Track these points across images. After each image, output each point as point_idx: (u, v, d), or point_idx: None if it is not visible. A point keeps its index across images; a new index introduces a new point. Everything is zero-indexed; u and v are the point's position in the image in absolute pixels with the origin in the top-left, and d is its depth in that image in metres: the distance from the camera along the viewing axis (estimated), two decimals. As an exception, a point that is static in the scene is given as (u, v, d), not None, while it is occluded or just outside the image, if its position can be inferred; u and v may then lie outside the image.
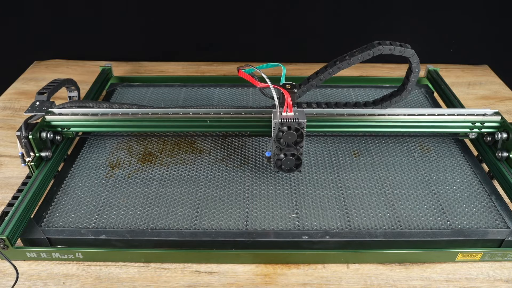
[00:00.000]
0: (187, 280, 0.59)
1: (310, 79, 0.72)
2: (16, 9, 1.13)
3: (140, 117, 0.73)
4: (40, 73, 1.12)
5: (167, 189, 0.69)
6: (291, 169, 0.68)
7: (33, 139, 0.67)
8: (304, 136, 0.64)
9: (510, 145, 0.72)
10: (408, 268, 0.61)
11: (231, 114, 0.73)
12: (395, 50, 0.71)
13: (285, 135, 0.63)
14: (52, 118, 0.73)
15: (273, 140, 0.64)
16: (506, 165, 0.73)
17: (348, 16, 1.14)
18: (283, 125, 0.62)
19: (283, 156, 0.66)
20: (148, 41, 1.20)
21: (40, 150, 0.69)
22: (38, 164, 0.70)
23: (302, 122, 0.62)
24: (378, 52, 0.71)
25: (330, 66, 0.71)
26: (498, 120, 0.75)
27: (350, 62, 0.70)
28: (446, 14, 1.14)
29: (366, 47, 0.71)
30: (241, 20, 1.15)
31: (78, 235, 0.61)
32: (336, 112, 0.74)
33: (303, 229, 0.63)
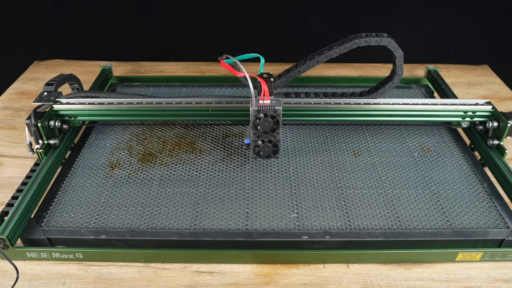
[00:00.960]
0: (187, 280, 0.59)
1: (289, 70, 0.77)
2: (16, 9, 1.13)
3: (144, 106, 0.76)
4: (40, 73, 1.12)
5: (167, 189, 0.69)
6: (269, 155, 0.71)
7: (42, 127, 0.70)
8: (280, 123, 0.67)
9: (500, 133, 0.74)
10: (408, 268, 0.61)
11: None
12: (371, 41, 0.74)
13: (262, 122, 0.66)
14: (59, 108, 0.75)
15: (251, 127, 0.67)
16: (496, 152, 0.75)
17: (348, 16, 1.14)
18: (259, 112, 0.65)
19: (261, 143, 0.69)
20: (148, 41, 1.20)
21: (48, 138, 0.72)
22: (47, 151, 0.72)
23: (278, 109, 0.65)
24: (355, 45, 0.75)
25: (310, 59, 0.76)
26: (489, 110, 0.77)
27: (328, 55, 0.75)
28: (446, 14, 1.14)
29: (343, 41, 0.75)
30: (241, 20, 1.15)
31: (78, 235, 0.61)
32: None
33: (303, 229, 0.63)
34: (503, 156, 0.75)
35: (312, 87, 0.98)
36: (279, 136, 0.69)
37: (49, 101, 0.75)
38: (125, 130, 0.83)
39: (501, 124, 0.75)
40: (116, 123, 0.85)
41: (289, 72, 0.77)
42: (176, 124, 0.85)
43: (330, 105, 0.77)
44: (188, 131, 0.83)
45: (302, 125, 0.85)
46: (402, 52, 0.76)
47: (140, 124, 0.85)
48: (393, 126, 0.85)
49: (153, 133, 0.83)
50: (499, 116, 0.75)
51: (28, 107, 0.96)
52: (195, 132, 0.83)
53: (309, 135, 0.82)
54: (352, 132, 0.83)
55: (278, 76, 0.77)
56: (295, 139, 0.81)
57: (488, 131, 0.77)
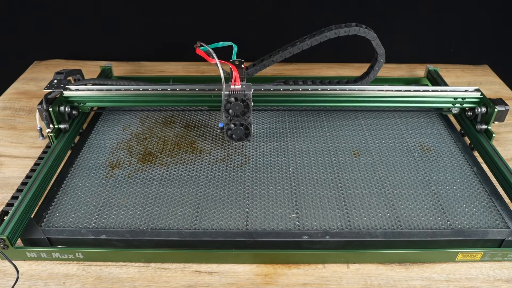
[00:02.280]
0: (187, 280, 0.59)
1: (263, 59, 0.83)
2: (16, 9, 1.13)
3: (150, 92, 0.81)
4: (40, 73, 1.12)
5: (167, 189, 0.69)
6: (241, 138, 0.75)
7: (52, 112, 0.75)
8: (251, 107, 0.71)
9: (488, 118, 0.79)
10: (408, 268, 0.61)
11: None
12: (340, 32, 0.79)
13: (233, 106, 0.70)
14: (69, 94, 0.80)
15: (222, 111, 0.71)
16: (485, 137, 0.80)
17: (347, 16, 1.14)
18: (230, 97, 0.70)
19: (233, 126, 0.73)
20: (148, 41, 1.20)
21: (58, 122, 0.77)
22: (57, 135, 0.77)
23: (248, 93, 0.70)
24: (325, 38, 0.80)
25: (283, 50, 0.82)
26: (478, 96, 0.82)
27: (299, 47, 0.80)
28: (446, 14, 1.14)
29: (314, 34, 0.80)
30: (241, 20, 1.15)
31: (78, 235, 0.61)
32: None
33: (303, 229, 0.63)
34: (490, 140, 0.78)
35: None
36: (249, 119, 0.73)
37: (59, 88, 0.80)
38: (125, 130, 0.83)
39: (489, 109, 0.79)
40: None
41: (263, 61, 0.83)
42: (176, 124, 0.85)
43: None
44: (188, 131, 0.83)
45: (302, 125, 0.85)
46: (375, 36, 0.81)
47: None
48: (393, 126, 0.85)
49: (153, 133, 0.83)
50: (487, 102, 0.80)
51: (28, 107, 0.96)
52: (195, 132, 0.83)
53: (309, 135, 0.82)
54: (352, 132, 0.83)
55: (252, 64, 0.84)
56: (295, 139, 0.81)
57: (477, 116, 0.81)
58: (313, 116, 0.88)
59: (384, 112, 0.89)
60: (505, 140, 0.87)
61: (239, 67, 0.71)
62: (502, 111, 0.78)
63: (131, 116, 0.88)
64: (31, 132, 0.88)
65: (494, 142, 0.80)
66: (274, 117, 0.88)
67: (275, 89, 0.82)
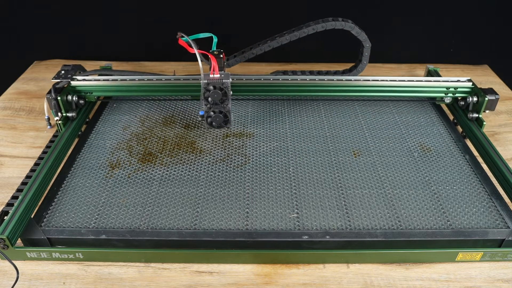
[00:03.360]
0: (187, 280, 0.59)
1: (244, 51, 0.87)
2: (16, 9, 1.13)
3: (154, 82, 0.85)
4: (40, 73, 1.12)
5: (167, 189, 0.69)
6: (221, 125, 0.79)
7: (61, 100, 0.78)
8: (229, 95, 0.75)
9: (479, 107, 0.83)
10: (408, 268, 0.61)
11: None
12: (318, 27, 0.84)
13: (211, 94, 0.74)
14: (77, 84, 0.84)
15: (202, 99, 0.75)
16: (476, 124, 0.83)
17: (347, 16, 1.14)
18: (209, 85, 0.73)
19: (212, 114, 0.77)
20: (148, 41, 1.20)
21: (66, 111, 0.80)
22: (65, 123, 0.80)
23: (226, 82, 0.73)
24: (304, 34, 0.84)
25: (263, 43, 0.86)
26: (469, 86, 0.86)
27: (279, 41, 0.84)
28: (446, 14, 1.14)
29: (293, 30, 0.84)
30: (241, 20, 1.15)
31: (78, 235, 0.61)
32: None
33: (303, 229, 0.63)
34: (481, 128, 0.82)
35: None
36: (228, 107, 0.77)
37: (66, 78, 0.84)
38: (125, 130, 0.83)
39: (480, 98, 0.82)
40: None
41: (244, 53, 0.87)
42: (176, 124, 0.85)
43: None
44: (188, 131, 0.83)
45: (302, 125, 0.85)
46: (352, 24, 0.86)
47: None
48: (393, 126, 0.85)
49: (153, 133, 0.83)
50: (479, 91, 0.83)
51: (28, 107, 0.96)
52: (195, 132, 0.83)
53: (309, 135, 0.82)
54: (352, 132, 0.83)
55: (233, 55, 0.88)
56: (295, 139, 0.81)
57: (468, 105, 0.84)
58: (313, 116, 0.88)
59: (385, 112, 0.89)
60: (505, 140, 0.87)
61: (218, 57, 0.74)
62: (492, 100, 0.81)
63: (131, 116, 0.88)
64: (31, 132, 0.88)
65: (494, 142, 0.81)
66: (274, 117, 0.88)
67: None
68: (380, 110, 0.90)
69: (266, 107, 0.91)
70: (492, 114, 0.97)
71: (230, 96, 0.76)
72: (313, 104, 0.92)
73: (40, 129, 0.89)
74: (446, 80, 0.86)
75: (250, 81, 0.85)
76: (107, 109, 0.90)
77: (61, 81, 0.82)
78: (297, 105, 0.92)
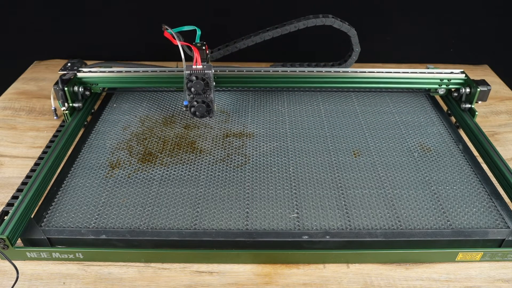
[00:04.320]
0: (187, 280, 0.59)
1: (228, 45, 0.90)
2: (16, 9, 1.13)
3: (157, 74, 0.88)
4: (40, 73, 1.12)
5: (167, 189, 0.69)
6: (204, 115, 0.81)
7: (67, 91, 0.82)
8: (211, 85, 0.78)
9: (472, 97, 0.86)
10: (408, 268, 0.61)
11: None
12: (299, 25, 0.88)
13: (194, 84, 0.77)
14: (83, 75, 0.87)
15: (185, 89, 0.78)
16: (468, 115, 0.86)
17: (346, 16, 1.14)
18: (191, 75, 0.76)
19: (195, 103, 0.79)
20: (148, 41, 1.20)
21: (73, 101, 0.84)
22: (72, 113, 0.84)
23: (208, 73, 0.76)
24: (286, 31, 0.88)
25: (246, 38, 0.89)
26: (462, 78, 0.89)
27: (261, 37, 0.88)
28: (446, 14, 1.14)
29: (276, 27, 0.88)
30: (241, 20, 1.15)
31: (78, 235, 0.61)
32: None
33: (303, 229, 0.63)
34: (473, 117, 0.85)
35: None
36: (210, 97, 0.79)
37: (72, 70, 0.87)
38: (125, 130, 0.83)
39: (472, 89, 0.86)
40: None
41: (227, 47, 0.90)
42: (176, 124, 0.85)
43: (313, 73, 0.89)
44: (188, 131, 0.83)
45: (303, 126, 0.85)
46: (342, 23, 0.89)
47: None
48: (393, 126, 0.85)
49: (153, 133, 0.83)
50: (471, 83, 0.86)
51: (28, 107, 0.96)
52: (195, 132, 0.83)
53: (309, 135, 0.82)
54: (352, 132, 0.83)
55: (217, 48, 0.90)
56: (295, 139, 0.81)
57: (461, 96, 0.88)
58: (313, 116, 0.88)
59: (385, 112, 0.89)
60: (505, 140, 0.87)
61: (201, 49, 0.78)
62: (484, 91, 0.84)
63: (131, 116, 0.88)
64: (31, 132, 0.88)
65: (494, 142, 0.81)
66: (274, 117, 0.88)
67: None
68: (380, 110, 0.90)
69: (266, 107, 0.91)
70: (492, 114, 0.97)
71: (213, 86, 0.78)
72: (313, 104, 0.92)
73: (40, 129, 0.89)
74: (440, 72, 0.89)
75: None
76: (107, 109, 0.90)
77: (68, 73, 0.85)
78: (297, 105, 0.92)
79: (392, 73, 0.88)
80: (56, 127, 0.86)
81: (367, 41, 1.00)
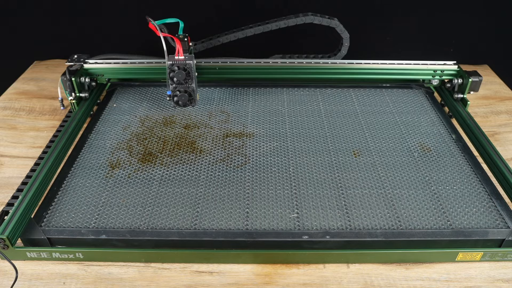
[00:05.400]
0: (187, 280, 0.59)
1: (211, 38, 0.92)
2: (16, 9, 1.13)
3: (162, 65, 0.90)
4: (40, 73, 1.12)
5: (167, 189, 0.69)
6: (186, 104, 0.84)
7: (75, 81, 0.85)
8: (192, 75, 0.81)
9: (464, 88, 0.89)
10: (408, 268, 0.61)
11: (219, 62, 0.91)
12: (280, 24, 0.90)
13: (176, 74, 0.80)
14: (89, 66, 0.90)
15: (168, 79, 0.81)
16: (461, 104, 0.90)
17: (346, 16, 1.14)
18: (173, 66, 0.79)
19: (178, 93, 0.82)
20: (148, 41, 1.20)
21: (79, 91, 0.87)
22: (79, 102, 0.87)
23: (189, 63, 0.79)
24: (267, 29, 0.90)
25: (229, 33, 0.92)
26: (455, 69, 0.92)
27: (244, 33, 0.90)
28: (446, 14, 1.14)
29: (259, 24, 0.90)
30: (240, 19, 1.15)
31: (78, 235, 0.61)
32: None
33: (303, 229, 0.63)
34: (466, 107, 0.88)
35: (313, 84, 0.99)
36: (192, 86, 0.82)
37: (79, 61, 0.90)
38: (125, 130, 0.83)
39: (464, 80, 0.89)
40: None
41: (211, 40, 0.92)
42: (176, 124, 0.85)
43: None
44: (188, 131, 0.83)
45: (303, 126, 0.85)
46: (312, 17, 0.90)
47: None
48: (393, 126, 0.85)
49: (153, 133, 0.83)
50: (463, 74, 0.89)
51: (28, 107, 0.96)
52: (195, 132, 0.83)
53: (309, 135, 0.82)
54: (352, 132, 0.83)
55: (201, 41, 0.93)
56: (295, 139, 0.81)
57: (454, 87, 0.91)
58: (313, 116, 0.88)
59: (385, 112, 0.89)
60: (505, 140, 0.87)
61: (183, 41, 0.80)
62: (476, 82, 0.87)
63: (131, 116, 0.88)
64: (31, 132, 0.88)
65: (494, 142, 0.81)
66: (274, 117, 0.88)
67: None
68: (380, 110, 0.90)
69: (266, 107, 0.91)
70: (492, 114, 0.97)
71: (195, 76, 0.82)
72: (313, 104, 0.92)
73: (40, 129, 0.89)
74: (433, 63, 0.92)
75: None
76: (107, 109, 0.90)
77: (75, 64, 0.89)
78: (297, 105, 0.92)
79: (387, 64, 0.91)
80: (59, 123, 0.86)
81: (367, 41, 1.00)
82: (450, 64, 0.92)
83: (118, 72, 0.92)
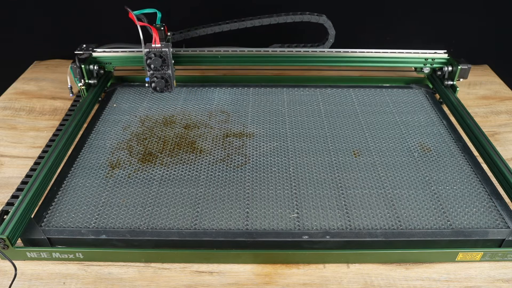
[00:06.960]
0: (187, 280, 0.59)
1: (189, 30, 0.96)
2: (16, 9, 1.13)
3: None
4: (40, 73, 1.12)
5: (167, 189, 0.69)
6: (163, 90, 0.88)
7: (84, 69, 0.89)
8: (168, 62, 0.84)
9: (453, 75, 0.93)
10: (408, 268, 0.61)
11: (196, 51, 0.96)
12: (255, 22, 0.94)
13: (153, 61, 0.84)
14: (98, 55, 0.95)
15: (145, 66, 0.84)
16: (451, 91, 0.94)
17: (346, 15, 1.14)
18: (150, 53, 0.83)
19: (155, 79, 0.86)
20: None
21: (89, 78, 0.92)
22: (87, 88, 0.92)
23: (165, 51, 0.83)
24: (242, 26, 0.94)
25: (207, 27, 0.95)
26: (445, 57, 0.96)
27: (220, 28, 0.95)
28: (446, 14, 1.14)
29: (235, 20, 0.94)
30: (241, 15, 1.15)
31: (78, 235, 0.61)
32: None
33: (303, 229, 0.63)
34: (455, 93, 0.93)
35: (313, 84, 1.00)
36: (168, 73, 0.86)
37: (87, 50, 0.95)
38: (125, 130, 0.83)
39: (454, 68, 0.93)
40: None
41: (189, 31, 0.96)
42: (176, 124, 0.85)
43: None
44: (188, 131, 0.83)
45: (303, 126, 0.85)
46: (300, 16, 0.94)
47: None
48: (393, 126, 0.85)
49: (153, 133, 0.83)
50: (453, 62, 0.94)
51: (28, 107, 0.96)
52: (195, 132, 0.83)
53: (309, 135, 0.82)
54: (352, 132, 0.83)
55: (179, 32, 0.96)
56: (295, 139, 0.81)
57: (445, 74, 0.95)
58: (313, 116, 0.88)
59: (385, 112, 0.89)
60: (505, 140, 0.87)
61: (159, 30, 0.84)
62: (465, 69, 0.92)
63: (131, 116, 0.88)
64: (31, 132, 0.88)
65: (494, 142, 0.81)
66: (274, 117, 0.88)
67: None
68: (380, 110, 0.90)
69: (266, 107, 0.91)
70: (492, 114, 0.97)
71: (171, 64, 0.85)
72: (313, 104, 0.92)
73: (40, 129, 0.89)
74: (424, 52, 0.96)
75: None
76: (107, 109, 0.90)
77: (84, 53, 0.93)
78: (297, 105, 0.92)
79: (380, 52, 0.95)
80: (59, 123, 0.86)
81: (367, 41, 1.00)
82: (441, 52, 0.96)
83: (124, 60, 0.96)
